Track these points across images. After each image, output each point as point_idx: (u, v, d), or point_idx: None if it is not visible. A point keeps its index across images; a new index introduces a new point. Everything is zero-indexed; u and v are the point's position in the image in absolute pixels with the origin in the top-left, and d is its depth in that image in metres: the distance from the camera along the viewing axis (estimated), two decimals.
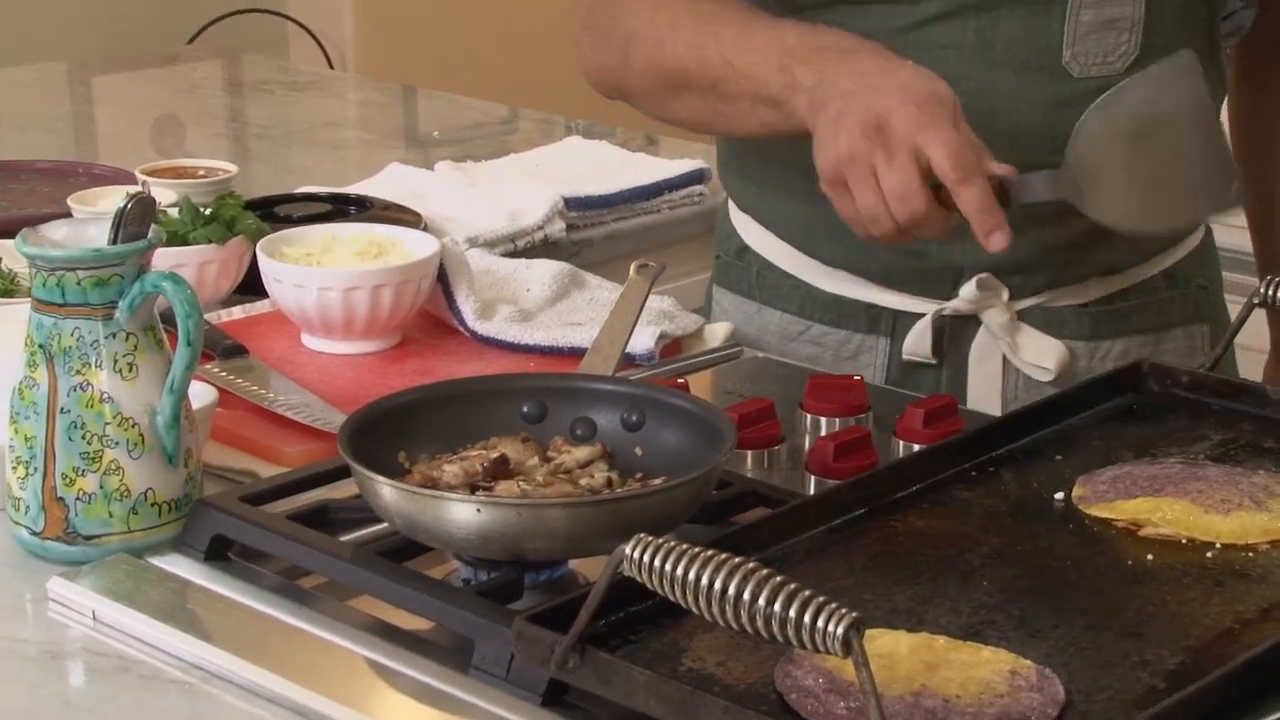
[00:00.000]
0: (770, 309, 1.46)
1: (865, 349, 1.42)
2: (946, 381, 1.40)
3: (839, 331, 1.42)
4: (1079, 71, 1.31)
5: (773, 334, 1.46)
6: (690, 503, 1.03)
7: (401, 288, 1.38)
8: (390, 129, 2.38)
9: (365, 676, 0.96)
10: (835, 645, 0.77)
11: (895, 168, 1.13)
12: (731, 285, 1.50)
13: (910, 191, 1.13)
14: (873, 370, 1.42)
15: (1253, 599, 0.96)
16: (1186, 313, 1.42)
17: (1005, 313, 1.36)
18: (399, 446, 1.09)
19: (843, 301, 1.42)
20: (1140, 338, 1.40)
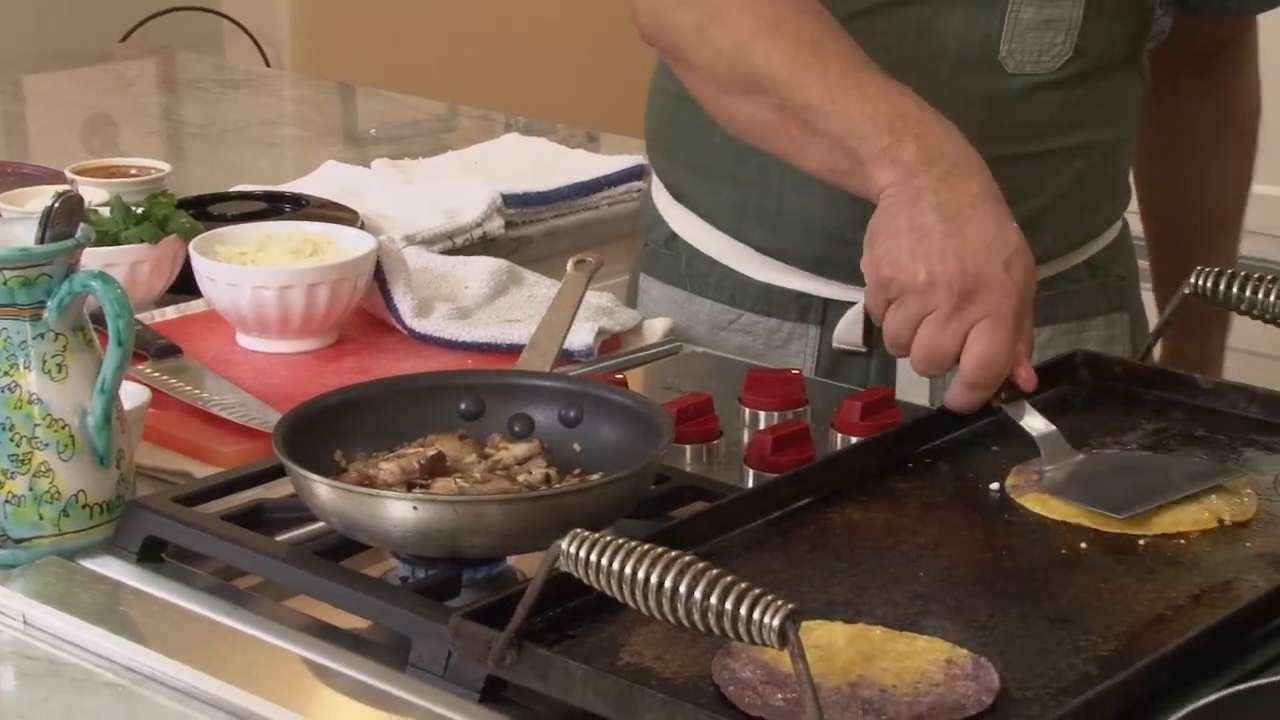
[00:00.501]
0: (700, 298, 1.46)
1: (796, 337, 1.42)
2: (875, 370, 1.40)
3: (769, 320, 1.43)
4: (1014, 68, 1.32)
5: (703, 323, 1.46)
6: (628, 498, 1.03)
7: (337, 286, 1.37)
8: (327, 127, 2.36)
9: (302, 676, 0.96)
10: (771, 637, 0.77)
11: (942, 335, 1.10)
12: (660, 274, 1.50)
13: (937, 361, 1.12)
14: (803, 358, 1.42)
15: (1184, 585, 0.97)
16: (1107, 302, 1.44)
17: None
18: (335, 445, 1.08)
19: (773, 290, 1.42)
20: (1064, 325, 1.41)
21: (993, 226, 1.11)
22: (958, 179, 1.12)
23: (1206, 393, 1.19)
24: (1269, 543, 1.01)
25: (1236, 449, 1.13)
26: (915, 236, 1.10)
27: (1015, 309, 1.10)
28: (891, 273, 1.11)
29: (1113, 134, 1.41)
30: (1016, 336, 1.10)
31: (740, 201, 1.40)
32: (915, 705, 0.85)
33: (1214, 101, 1.54)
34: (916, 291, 1.10)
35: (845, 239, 1.36)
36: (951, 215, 1.10)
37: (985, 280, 1.09)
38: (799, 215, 1.38)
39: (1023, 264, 1.11)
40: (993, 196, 1.12)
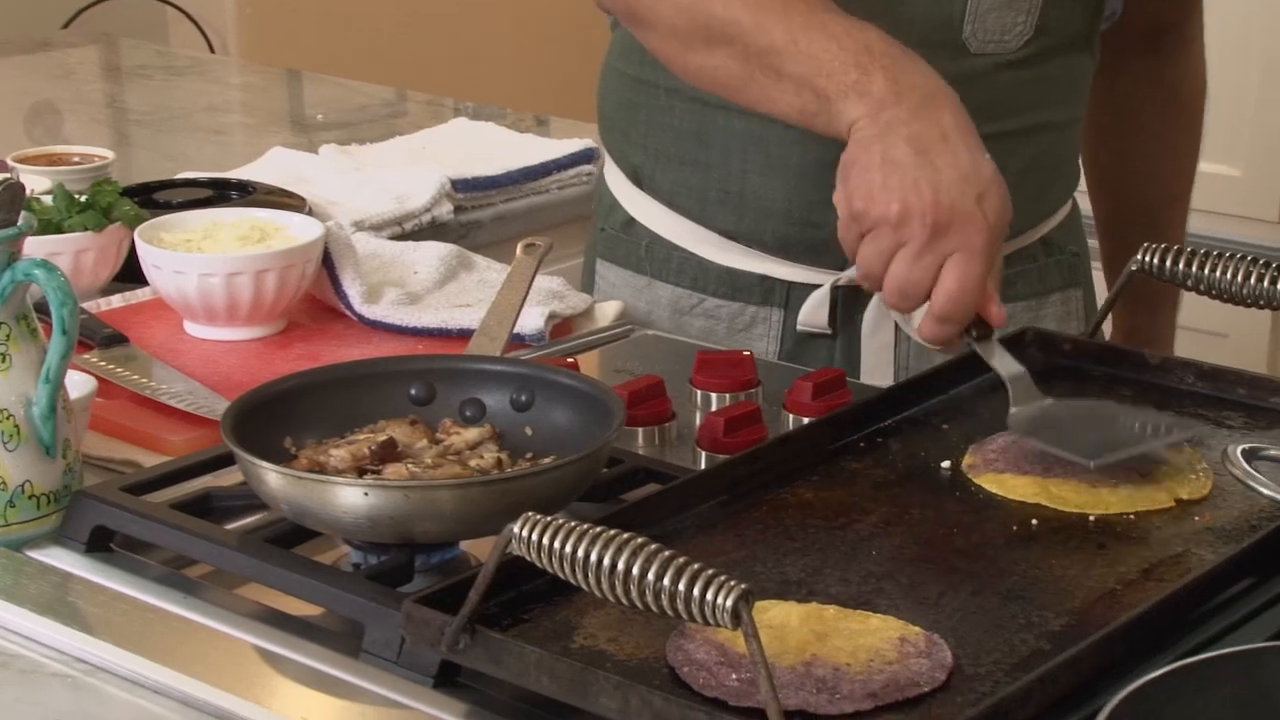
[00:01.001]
0: (661, 283, 1.46)
1: (759, 321, 1.42)
2: (840, 352, 1.40)
3: (732, 304, 1.43)
4: (976, 47, 1.32)
5: (664, 308, 1.46)
6: (580, 481, 1.03)
7: (286, 272, 1.36)
8: (274, 113, 2.34)
9: (254, 664, 0.95)
10: (725, 617, 0.77)
11: (914, 268, 1.10)
12: (618, 259, 1.50)
13: (910, 294, 1.11)
14: (766, 342, 1.42)
15: (1134, 560, 0.97)
16: (1063, 278, 1.45)
17: None
18: (285, 432, 1.08)
19: (736, 274, 1.42)
20: (1023, 303, 1.42)
21: (966, 158, 1.10)
22: (930, 110, 1.11)
23: (1154, 368, 1.20)
24: (1218, 516, 1.02)
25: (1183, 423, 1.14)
26: (887, 170, 1.09)
27: (986, 243, 1.09)
28: (864, 206, 1.10)
29: (1067, 113, 1.41)
30: (989, 270, 1.10)
31: (702, 185, 1.40)
32: (869, 683, 0.85)
33: (1161, 82, 1.55)
34: (890, 225, 1.09)
35: (809, 221, 1.36)
36: (924, 148, 1.09)
37: (958, 213, 1.08)
38: (762, 198, 1.37)
39: (996, 196, 1.10)
40: (965, 127, 1.11)
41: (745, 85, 1.20)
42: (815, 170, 1.33)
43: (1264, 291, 1.13)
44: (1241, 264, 1.14)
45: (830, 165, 1.17)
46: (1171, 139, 1.56)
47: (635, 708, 0.82)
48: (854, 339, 1.40)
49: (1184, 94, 1.56)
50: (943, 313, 1.10)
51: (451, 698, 0.90)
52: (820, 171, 1.32)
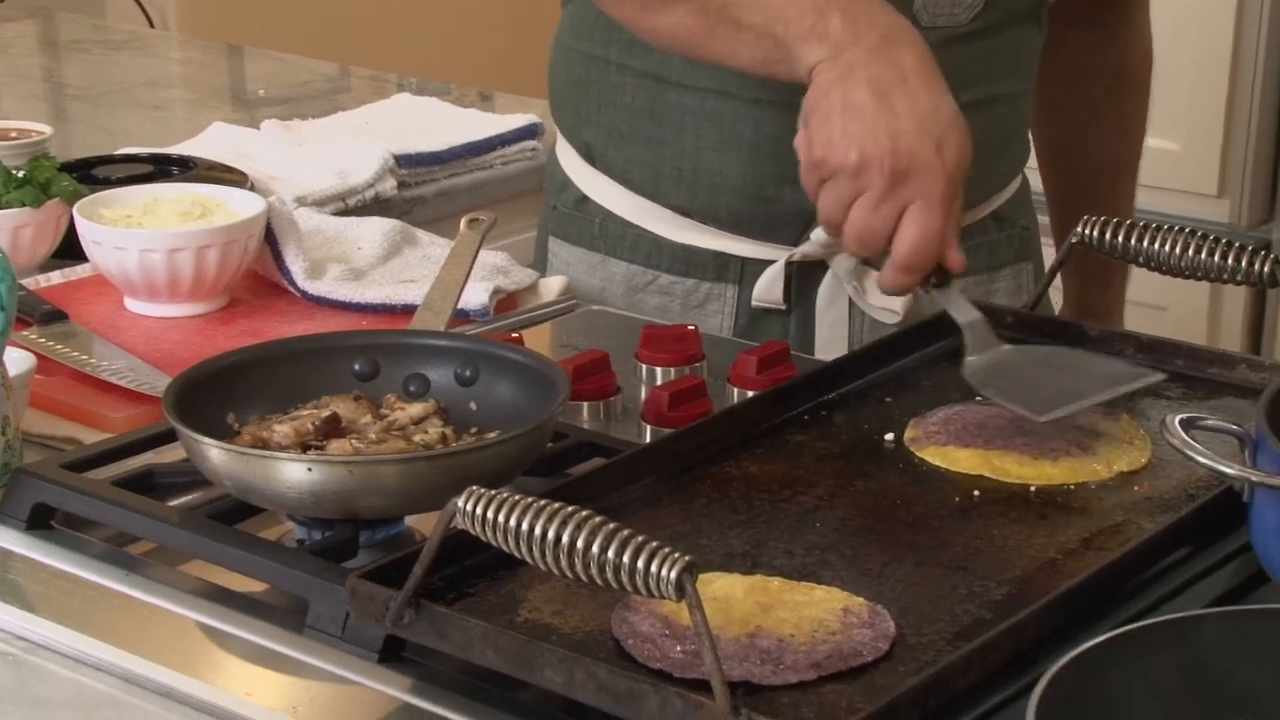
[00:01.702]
0: (615, 260, 1.46)
1: (714, 297, 1.42)
2: (795, 328, 1.41)
3: (687, 280, 1.43)
4: (927, 20, 1.32)
5: (618, 285, 1.45)
6: (525, 455, 1.03)
7: (227, 248, 1.35)
8: (214, 88, 2.32)
9: (197, 641, 0.95)
10: (669, 589, 0.78)
11: (874, 216, 1.09)
12: (571, 237, 1.49)
13: (869, 242, 1.11)
14: (721, 318, 1.42)
15: (1074, 530, 0.98)
16: (1014, 252, 1.46)
17: (852, 258, 1.38)
18: (228, 408, 1.07)
19: (690, 250, 1.42)
20: (975, 277, 1.42)
21: (925, 101, 1.09)
22: (889, 49, 1.10)
23: (1094, 340, 1.21)
24: (1157, 486, 1.03)
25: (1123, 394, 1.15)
26: (847, 116, 1.09)
27: (946, 191, 1.08)
28: (824, 154, 1.10)
29: (1016, 86, 1.42)
30: (948, 218, 1.09)
31: (655, 162, 1.40)
32: (813, 654, 0.85)
33: (1108, 54, 1.56)
34: (848, 173, 1.09)
35: (763, 196, 1.36)
36: (883, 90, 1.09)
37: (916, 161, 1.08)
38: (716, 174, 1.37)
39: (955, 140, 1.09)
40: (926, 66, 1.10)
41: (706, 40, 1.20)
42: (769, 145, 1.33)
43: (1201, 263, 1.15)
44: (1180, 236, 1.16)
45: (783, 140, 1.17)
46: (1118, 111, 1.57)
47: (580, 680, 0.82)
48: (809, 315, 1.40)
49: (1130, 66, 1.57)
50: (904, 262, 1.10)
51: (396, 672, 0.90)
52: (774, 146, 1.32)
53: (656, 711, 0.80)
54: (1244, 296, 2.44)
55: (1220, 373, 1.16)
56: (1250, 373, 1.15)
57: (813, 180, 1.12)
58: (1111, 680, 0.78)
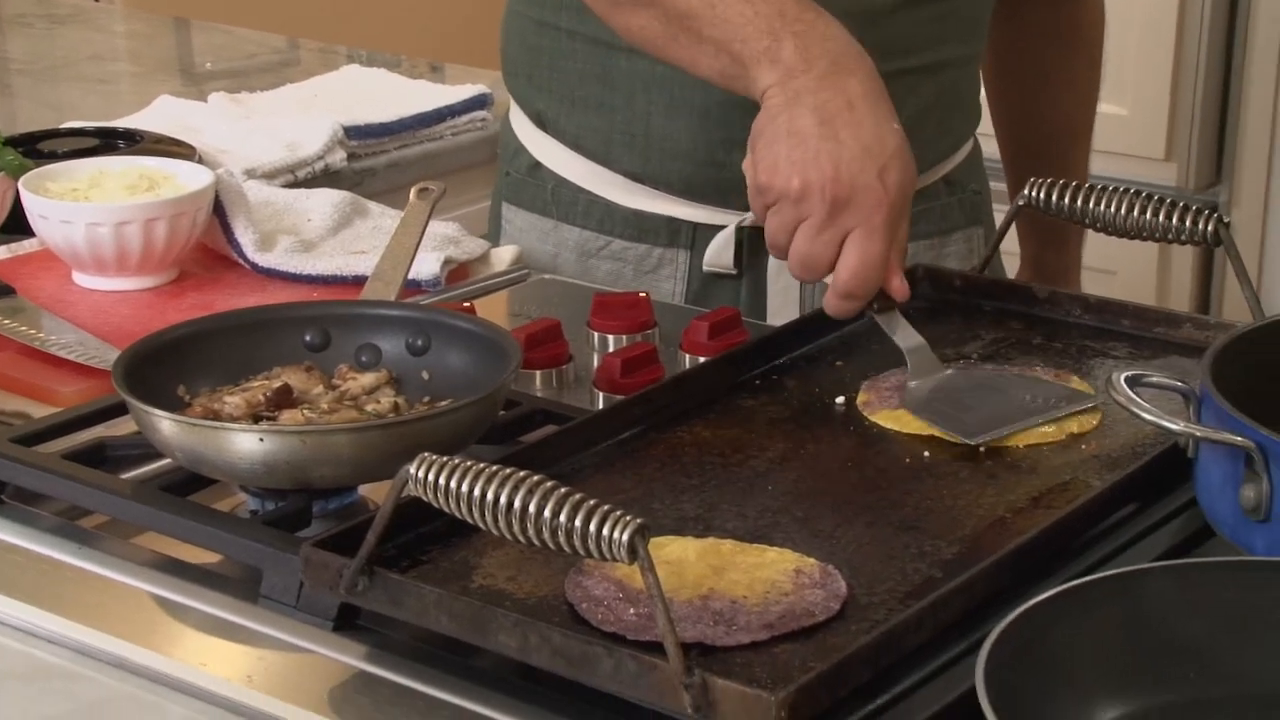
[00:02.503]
0: (567, 225, 1.46)
1: (666, 263, 1.42)
2: (746, 293, 1.41)
3: (639, 246, 1.43)
4: None
5: (571, 250, 1.45)
6: (477, 423, 1.03)
7: (175, 221, 1.34)
8: (161, 62, 2.30)
9: (151, 613, 0.95)
10: (621, 552, 0.78)
11: (816, 243, 1.10)
12: (524, 203, 1.49)
13: (812, 268, 1.11)
14: (674, 284, 1.42)
15: (1023, 489, 0.99)
16: (965, 216, 1.47)
17: None
18: (178, 380, 1.07)
19: (642, 216, 1.42)
20: (926, 241, 1.43)
21: (870, 129, 1.09)
22: (837, 77, 1.11)
23: (1042, 302, 1.22)
24: (1104, 445, 1.04)
25: (1071, 355, 1.16)
26: (792, 142, 1.09)
27: (886, 219, 1.09)
28: (768, 179, 1.10)
29: (967, 50, 1.43)
30: (890, 246, 1.10)
31: (607, 127, 1.40)
32: (765, 614, 0.86)
33: (1059, 18, 1.56)
34: (791, 199, 1.09)
35: (714, 162, 1.36)
36: (829, 117, 1.09)
37: (858, 189, 1.08)
38: (666, 140, 1.37)
39: (898, 168, 1.10)
40: (873, 94, 1.11)
41: (669, 45, 1.21)
42: (719, 111, 1.34)
43: (1146, 223, 1.15)
44: (1126, 197, 1.16)
45: (733, 105, 1.17)
46: (1071, 75, 1.58)
47: (534, 644, 0.82)
48: (760, 280, 1.41)
49: (1082, 29, 1.57)
50: (845, 289, 1.11)
51: (351, 640, 0.90)
52: (724, 112, 1.32)
53: (610, 674, 0.80)
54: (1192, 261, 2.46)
55: (1166, 332, 1.18)
56: (1195, 331, 1.17)
57: (758, 205, 1.13)
58: (1058, 635, 0.79)
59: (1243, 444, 0.87)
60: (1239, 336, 0.99)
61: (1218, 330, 1.14)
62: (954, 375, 1.12)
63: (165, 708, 0.88)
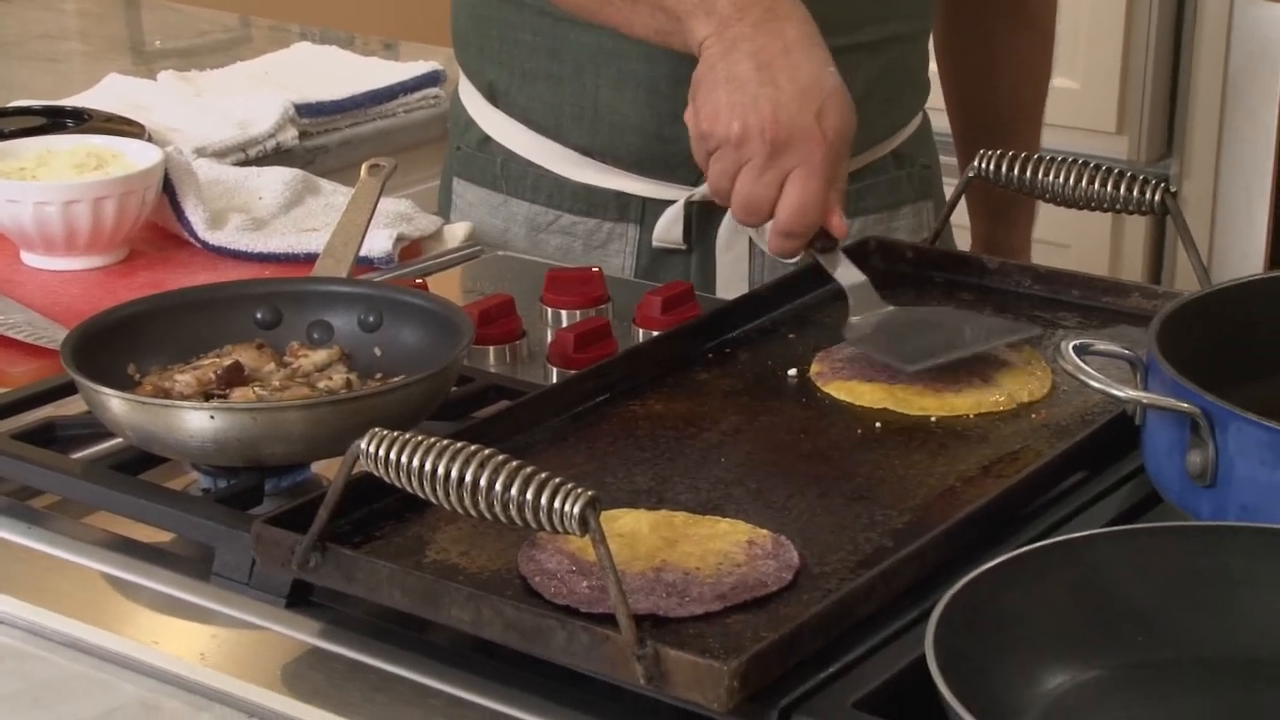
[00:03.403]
0: (517, 200, 1.45)
1: (615, 237, 1.42)
2: (695, 267, 1.41)
3: (589, 220, 1.43)
4: None
5: (520, 225, 1.45)
6: (430, 399, 1.03)
7: (124, 199, 1.34)
8: (111, 40, 2.28)
9: (103, 592, 0.94)
10: (573, 524, 0.78)
11: (757, 185, 1.12)
12: (474, 178, 1.48)
13: (755, 210, 1.13)
14: (623, 258, 1.42)
15: (973, 458, 1.00)
16: (914, 191, 1.47)
17: None
18: (128, 359, 1.06)
19: (592, 190, 1.42)
20: (874, 216, 1.44)
21: (807, 71, 1.11)
22: (773, 23, 1.12)
23: (992, 273, 1.23)
24: (1053, 414, 1.05)
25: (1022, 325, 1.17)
26: (730, 88, 1.11)
27: (825, 158, 1.11)
28: (709, 126, 1.12)
29: (915, 25, 1.43)
30: (829, 185, 1.12)
31: (556, 101, 1.39)
32: (718, 585, 0.87)
33: None
34: (732, 144, 1.11)
35: (662, 136, 1.36)
36: (766, 62, 1.11)
37: (796, 130, 1.10)
38: (615, 113, 1.37)
39: (836, 110, 1.12)
40: (808, 39, 1.13)
41: (605, 8, 1.23)
42: (666, 85, 1.34)
43: (1095, 194, 1.16)
44: (1075, 168, 1.17)
45: (681, 80, 1.17)
46: (1020, 50, 1.58)
47: (487, 618, 0.82)
48: (709, 254, 1.41)
49: (1030, 5, 1.58)
50: (786, 228, 1.13)
51: (305, 617, 0.90)
52: (671, 86, 1.32)
53: (563, 646, 0.81)
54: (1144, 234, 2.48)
55: (1114, 301, 1.19)
56: (1143, 300, 1.17)
57: (701, 152, 1.15)
58: (1007, 601, 0.79)
59: (1188, 410, 0.88)
60: (1185, 304, 0.99)
61: (1165, 299, 1.15)
62: (895, 312, 1.13)
63: (118, 686, 0.88)
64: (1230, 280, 1.03)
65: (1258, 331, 1.02)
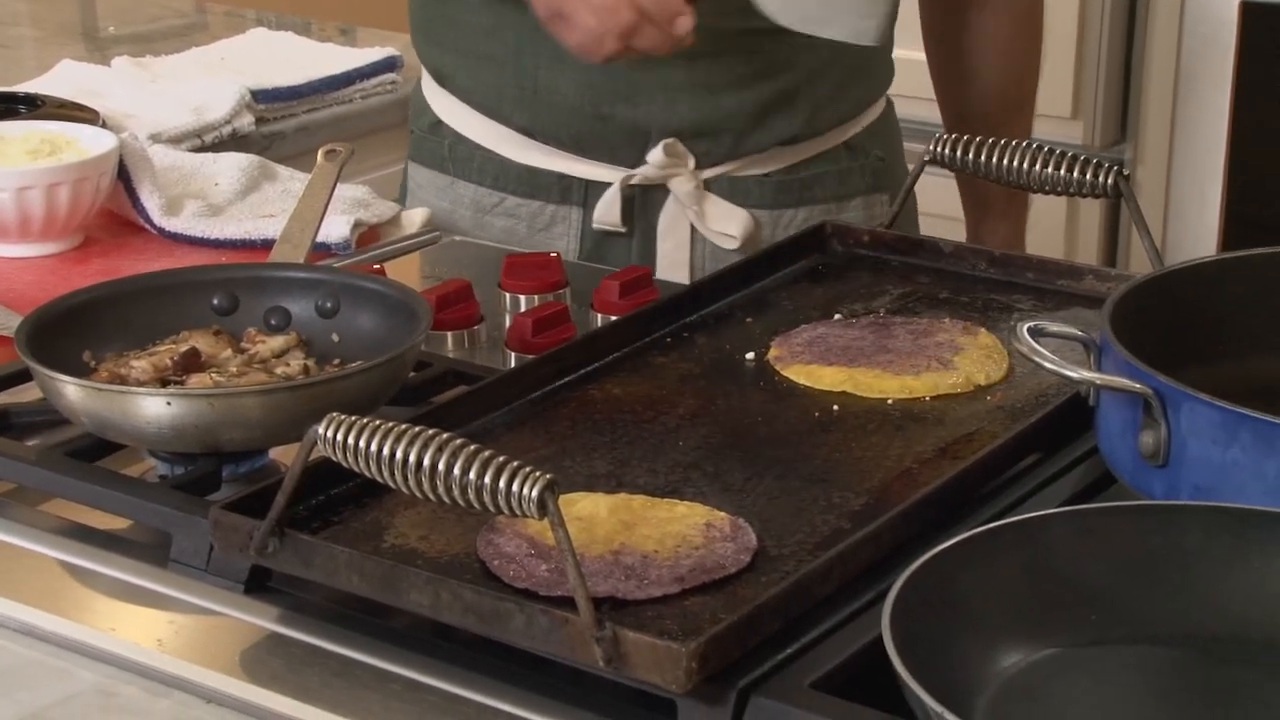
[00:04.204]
0: (464, 182, 1.45)
1: (559, 220, 1.43)
2: (637, 250, 1.42)
3: (532, 203, 1.43)
4: None
5: (466, 207, 1.45)
6: (387, 384, 1.03)
7: (79, 186, 1.33)
8: (63, 26, 2.27)
9: (59, 579, 0.94)
10: (531, 508, 0.79)
11: None
12: (425, 160, 1.49)
13: (617, 3, 1.15)
14: (567, 241, 1.43)
15: (929, 440, 1.01)
16: (865, 183, 1.47)
17: (691, 181, 1.39)
18: (83, 345, 1.06)
19: (535, 172, 1.42)
20: (822, 206, 1.44)
21: None
22: None
23: (948, 256, 1.23)
24: (1009, 396, 1.06)
25: (977, 308, 1.18)
26: None
27: None
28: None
29: None
30: None
31: (498, 82, 1.40)
32: (676, 568, 0.87)
33: None
34: None
35: (600, 115, 1.36)
36: None
37: None
38: (553, 94, 1.38)
39: None
40: None
41: None
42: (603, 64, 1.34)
43: (1050, 177, 1.17)
44: (1029, 151, 1.18)
45: None
46: (1003, 42, 1.57)
47: (446, 602, 0.83)
48: (650, 238, 1.41)
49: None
50: None
51: (263, 602, 0.90)
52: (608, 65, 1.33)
53: (523, 629, 0.81)
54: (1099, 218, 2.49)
55: (1069, 284, 1.19)
56: (1097, 283, 1.18)
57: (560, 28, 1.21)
58: (962, 581, 0.80)
59: (1141, 391, 0.89)
60: (1138, 286, 1.00)
61: (1119, 281, 1.16)
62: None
63: (75, 673, 0.88)
64: (1183, 262, 1.04)
65: (1210, 313, 1.03)
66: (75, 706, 0.85)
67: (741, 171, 1.42)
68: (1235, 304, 1.03)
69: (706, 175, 1.40)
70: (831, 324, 1.15)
